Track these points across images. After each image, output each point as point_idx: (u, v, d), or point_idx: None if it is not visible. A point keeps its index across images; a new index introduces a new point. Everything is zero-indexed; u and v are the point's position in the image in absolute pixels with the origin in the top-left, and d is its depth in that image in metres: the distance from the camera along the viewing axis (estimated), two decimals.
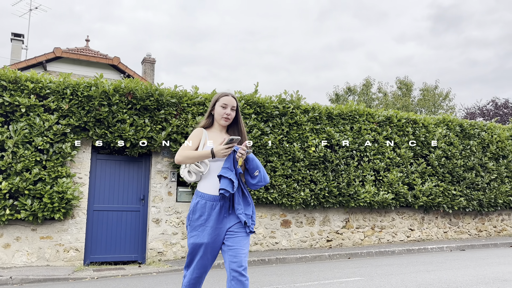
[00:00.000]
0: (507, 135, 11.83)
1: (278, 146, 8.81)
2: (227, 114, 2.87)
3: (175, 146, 7.96)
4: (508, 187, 11.34)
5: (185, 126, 8.08)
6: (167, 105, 8.06)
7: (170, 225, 8.10)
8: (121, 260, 7.93)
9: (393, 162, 9.97)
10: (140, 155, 8.24)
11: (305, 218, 9.25)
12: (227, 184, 2.66)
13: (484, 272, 5.92)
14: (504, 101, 28.00)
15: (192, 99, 8.33)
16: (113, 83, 7.82)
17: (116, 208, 7.99)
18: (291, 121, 9.03)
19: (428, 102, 30.85)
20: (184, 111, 8.22)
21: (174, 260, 7.89)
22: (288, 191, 8.77)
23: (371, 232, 9.88)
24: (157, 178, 8.20)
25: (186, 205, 8.31)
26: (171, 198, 8.23)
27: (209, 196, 2.73)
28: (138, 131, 7.72)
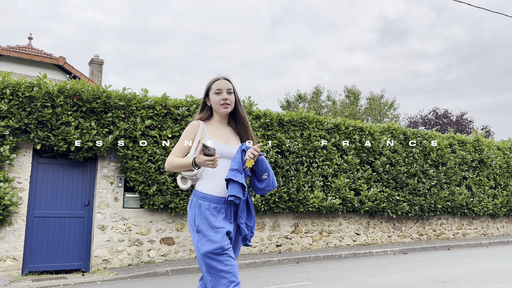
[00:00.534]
0: (446, 144, 12.44)
1: None
2: (224, 100, 2.45)
3: (122, 150, 7.70)
4: (446, 192, 11.91)
5: (133, 129, 7.85)
6: (115, 108, 7.80)
7: (116, 232, 7.82)
8: (64, 269, 7.56)
9: (341, 168, 10.19)
10: (85, 159, 7.90)
11: (256, 224, 9.24)
12: (237, 189, 2.26)
13: (424, 274, 6.15)
14: (444, 111, 29.56)
15: (142, 102, 8.11)
16: (57, 84, 7.47)
17: (59, 214, 7.61)
18: None
19: (374, 110, 31.97)
20: (132, 115, 7.98)
21: (120, 268, 7.61)
22: None
23: (319, 236, 10.03)
24: (103, 183, 7.90)
25: (133, 211, 8.06)
26: (117, 204, 7.95)
27: (212, 198, 2.32)
28: (83, 134, 7.40)
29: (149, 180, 7.92)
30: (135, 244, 7.94)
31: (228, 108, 2.47)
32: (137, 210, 8.10)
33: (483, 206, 12.69)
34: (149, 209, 8.06)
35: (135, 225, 8.01)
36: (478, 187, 12.84)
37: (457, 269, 6.62)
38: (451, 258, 8.28)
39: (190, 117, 8.43)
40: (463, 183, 12.63)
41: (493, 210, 13.06)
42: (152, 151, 7.98)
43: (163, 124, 8.22)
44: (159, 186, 7.99)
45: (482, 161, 13.22)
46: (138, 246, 7.97)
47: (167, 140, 8.15)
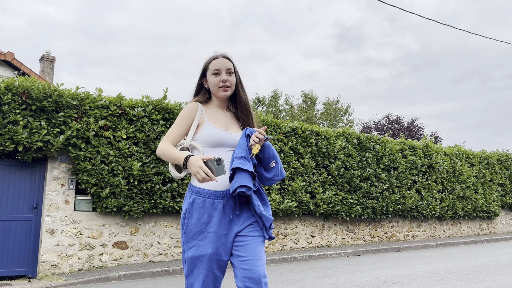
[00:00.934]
0: (397, 149, 12.85)
1: None
2: (223, 81, 2.14)
3: (74, 151, 7.41)
4: (397, 196, 12.30)
5: (86, 130, 7.56)
6: (67, 107, 7.49)
7: (67, 236, 7.50)
8: (8, 275, 7.13)
9: (297, 171, 10.28)
10: (34, 160, 7.53)
11: None
12: (248, 179, 1.95)
13: (376, 276, 6.30)
14: (396, 118, 30.61)
15: (95, 102, 7.84)
16: (5, 81, 7.09)
17: (3, 217, 7.19)
18: None
19: (330, 115, 32.65)
20: (86, 114, 7.70)
21: (70, 273, 7.30)
22: None
23: (275, 239, 10.05)
24: (53, 185, 7.56)
25: (85, 214, 7.77)
26: (68, 206, 7.63)
27: (207, 192, 2.03)
28: (32, 134, 7.05)
29: (102, 183, 7.66)
30: (87, 248, 7.65)
31: (228, 91, 2.18)
32: (89, 213, 7.81)
33: (431, 209, 13.21)
34: (101, 212, 7.79)
35: (86, 228, 7.71)
36: (427, 191, 13.34)
37: (406, 270, 6.82)
38: (401, 260, 8.53)
39: (146, 118, 8.24)
40: (413, 187, 13.08)
41: (440, 213, 13.60)
42: (106, 153, 7.72)
43: (117, 125, 7.98)
44: (112, 189, 7.74)
45: (430, 166, 13.76)
46: (90, 250, 7.69)
47: (122, 141, 7.92)
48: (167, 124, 8.54)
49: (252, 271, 1.94)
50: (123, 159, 7.91)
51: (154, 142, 8.28)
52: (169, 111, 8.65)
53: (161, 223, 8.51)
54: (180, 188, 8.46)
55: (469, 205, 14.50)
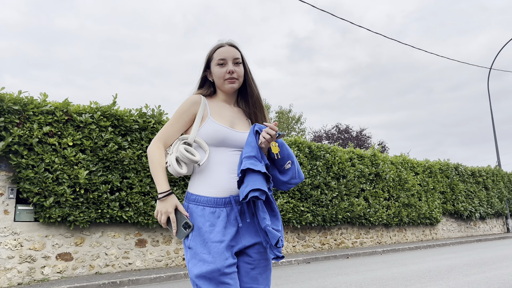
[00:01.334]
0: (346, 157, 13.18)
1: (137, 161, 8.41)
2: (230, 73, 1.83)
3: (16, 159, 7.02)
4: (346, 203, 12.59)
5: (29, 136, 7.20)
6: (9, 112, 7.10)
7: (5, 248, 7.06)
8: None
9: None
10: None
11: (162, 237, 8.95)
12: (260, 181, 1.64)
13: (325, 283, 6.38)
14: (346, 127, 31.45)
15: (40, 107, 7.48)
16: None
17: None
18: (152, 136, 8.72)
19: (282, 124, 33.03)
20: (29, 120, 7.33)
21: (8, 287, 6.88)
22: (145, 209, 8.39)
23: None
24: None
25: (26, 225, 7.35)
26: (7, 217, 7.20)
27: (207, 200, 1.72)
28: None
29: (46, 191, 7.30)
30: (27, 261, 7.24)
31: (236, 83, 1.87)
32: (30, 223, 7.40)
33: (378, 216, 13.63)
34: (44, 222, 7.41)
35: (27, 240, 7.31)
36: (374, 199, 13.76)
37: (354, 277, 6.96)
38: (349, 267, 8.70)
39: (93, 125, 7.95)
40: (361, 194, 13.44)
41: (386, 220, 14.06)
42: (50, 160, 7.38)
43: (63, 131, 7.65)
44: (56, 198, 7.39)
45: (378, 174, 14.21)
46: (31, 263, 7.28)
47: (68, 149, 7.60)
48: (116, 131, 8.29)
49: None
50: (69, 167, 7.59)
51: (101, 150, 8.00)
52: (118, 117, 8.40)
53: (108, 233, 8.22)
54: (129, 197, 8.21)
55: (414, 212, 15.11)
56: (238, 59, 1.88)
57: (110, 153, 8.03)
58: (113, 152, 8.07)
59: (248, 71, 1.97)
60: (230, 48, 1.89)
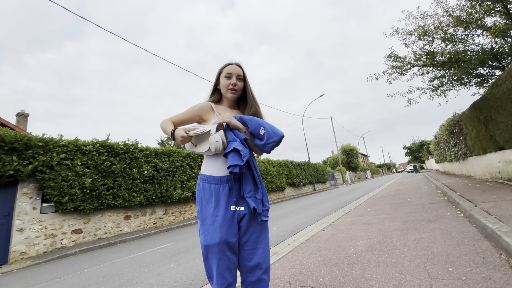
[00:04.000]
0: None
1: (123, 172, 7.63)
2: (233, 85, 1.47)
3: (41, 175, 5.95)
4: None
5: (50, 161, 6.15)
6: (35, 146, 6.00)
7: (34, 231, 5.88)
8: None
9: (191, 176, 9.92)
10: (8, 183, 5.78)
11: (140, 212, 8.19)
12: (234, 157, 1.29)
13: None
14: None
15: (58, 143, 6.44)
16: None
17: None
18: (132, 156, 8.00)
19: None
20: (50, 151, 6.26)
21: (36, 256, 5.70)
22: (129, 198, 7.63)
23: (179, 214, 9.44)
24: (23, 198, 5.90)
25: (49, 215, 6.21)
26: (35, 212, 6.01)
27: (213, 178, 1.35)
28: (5, 166, 5.45)
29: (63, 193, 6.27)
30: (50, 237, 6.11)
31: (235, 94, 1.48)
32: (52, 214, 6.28)
33: None
34: (62, 212, 6.34)
35: (50, 224, 6.17)
36: None
37: None
38: None
39: (94, 152, 7.06)
40: None
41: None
42: (66, 174, 6.36)
43: (74, 157, 6.67)
44: (70, 197, 6.38)
45: None
46: (53, 238, 6.15)
47: (78, 166, 6.63)
48: (109, 155, 7.44)
49: (249, 259, 1.30)
50: (79, 177, 6.62)
51: (100, 166, 7.12)
52: (110, 146, 7.56)
53: (106, 214, 7.29)
54: (118, 192, 7.40)
55: (274, 185, 15.65)
56: (240, 75, 1.51)
57: (106, 167, 7.19)
58: (108, 167, 7.24)
59: (248, 87, 1.54)
60: (237, 67, 1.51)
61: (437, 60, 8.67)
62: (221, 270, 1.24)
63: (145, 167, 8.19)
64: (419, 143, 52.60)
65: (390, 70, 9.76)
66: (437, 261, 2.19)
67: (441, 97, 9.79)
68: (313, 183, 21.50)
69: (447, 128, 11.60)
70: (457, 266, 2.04)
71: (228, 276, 1.25)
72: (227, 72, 1.48)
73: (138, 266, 3.80)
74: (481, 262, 2.03)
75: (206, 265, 1.28)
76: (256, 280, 1.27)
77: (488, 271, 1.89)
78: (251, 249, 1.30)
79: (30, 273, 4.35)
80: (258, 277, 1.27)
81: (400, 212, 4.55)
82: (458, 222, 3.30)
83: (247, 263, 1.28)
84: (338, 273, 2.26)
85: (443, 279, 1.90)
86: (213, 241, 1.25)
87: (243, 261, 1.29)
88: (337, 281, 2.12)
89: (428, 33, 8.39)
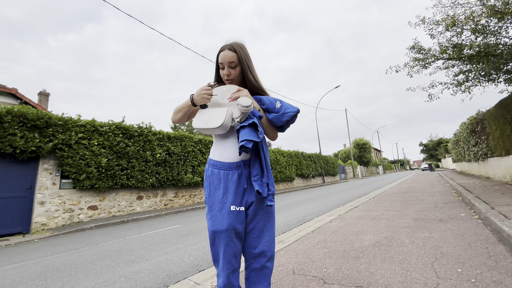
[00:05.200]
0: None
1: (137, 154, 7.85)
2: (227, 76, 1.32)
3: (60, 153, 6.22)
4: None
5: (69, 139, 6.40)
6: (55, 125, 6.24)
7: (53, 205, 6.23)
8: (9, 233, 5.64)
9: (201, 161, 10.09)
10: (30, 158, 6.10)
11: (152, 194, 8.47)
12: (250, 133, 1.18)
13: None
14: None
15: (76, 122, 6.68)
16: (6, 107, 5.62)
17: (4, 196, 5.67)
18: (145, 139, 8.19)
19: None
20: (69, 130, 6.51)
21: (55, 228, 6.07)
22: (142, 179, 7.89)
23: (189, 198, 9.69)
24: (44, 174, 6.22)
25: (68, 191, 6.53)
26: (55, 187, 6.35)
27: (222, 164, 1.25)
28: (27, 142, 5.72)
29: (80, 171, 6.55)
30: (68, 211, 6.45)
31: (231, 83, 1.33)
32: (70, 190, 6.60)
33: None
34: (79, 189, 6.65)
35: (69, 199, 6.51)
36: None
37: None
38: None
39: (110, 133, 7.27)
40: None
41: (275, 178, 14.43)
42: (83, 153, 6.62)
43: (91, 137, 6.91)
44: (87, 175, 6.67)
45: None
46: (70, 212, 6.50)
47: (94, 146, 6.88)
48: (124, 137, 7.65)
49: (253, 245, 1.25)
50: (95, 157, 6.87)
51: (115, 147, 7.35)
52: (125, 129, 7.76)
53: (120, 193, 7.60)
54: (132, 173, 7.65)
55: (283, 175, 15.70)
56: (232, 62, 1.31)
57: (121, 149, 7.42)
58: (122, 148, 7.47)
59: (245, 69, 1.33)
60: (228, 53, 1.31)
61: (465, 53, 8.13)
62: (228, 256, 1.22)
63: (158, 150, 8.38)
64: (436, 141, 50.67)
65: (412, 62, 9.28)
66: (446, 261, 2.14)
67: (465, 93, 9.27)
68: (323, 176, 21.35)
69: (468, 126, 11.07)
70: (467, 268, 1.98)
71: (234, 262, 1.23)
72: (220, 62, 1.33)
73: (148, 244, 3.96)
74: (493, 266, 1.97)
75: (212, 250, 1.26)
76: (260, 267, 1.25)
77: (500, 275, 1.83)
78: (256, 237, 1.26)
79: (49, 243, 4.64)
80: (262, 264, 1.25)
81: (410, 210, 4.45)
82: (471, 224, 3.19)
83: (252, 250, 1.25)
84: (343, 266, 2.25)
85: (450, 280, 1.86)
86: (221, 227, 1.21)
87: (248, 247, 1.26)
88: (341, 273, 2.11)
89: (457, 23, 7.84)
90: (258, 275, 1.26)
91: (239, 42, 1.35)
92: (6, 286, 2.68)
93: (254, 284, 1.27)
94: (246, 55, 1.35)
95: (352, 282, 1.94)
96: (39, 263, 3.41)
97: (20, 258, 3.75)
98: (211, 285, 2.14)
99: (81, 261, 3.35)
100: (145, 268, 2.89)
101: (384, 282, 1.91)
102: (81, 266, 3.13)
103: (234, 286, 1.23)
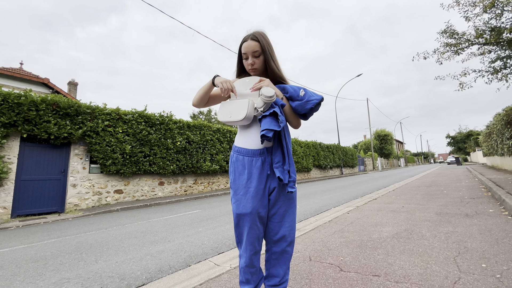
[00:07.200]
0: None
1: (158, 141, 8.16)
2: (251, 65, 1.32)
3: (89, 139, 6.61)
4: None
5: (96, 127, 6.77)
6: (84, 113, 6.62)
7: (84, 188, 6.70)
8: (45, 211, 6.19)
9: (219, 150, 10.24)
10: (63, 144, 6.55)
11: (173, 180, 8.81)
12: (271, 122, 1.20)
13: None
14: None
15: (102, 111, 7.02)
16: (40, 96, 6.03)
17: (41, 178, 6.19)
18: (166, 127, 8.46)
19: None
20: (96, 118, 6.87)
21: (86, 209, 6.56)
22: (164, 166, 8.22)
23: (207, 185, 9.95)
24: (75, 158, 6.67)
25: (96, 175, 6.97)
26: (85, 171, 6.80)
27: (246, 151, 1.28)
28: (60, 128, 6.14)
29: (106, 157, 6.95)
30: (97, 194, 6.92)
31: (256, 72, 1.34)
32: (98, 174, 7.04)
33: None
34: (106, 173, 7.08)
35: (97, 183, 6.96)
36: None
37: None
38: None
39: (133, 121, 7.59)
40: None
41: None
42: (109, 140, 7.00)
43: (116, 124, 7.25)
44: (113, 160, 7.06)
45: None
46: (99, 195, 6.96)
47: (119, 134, 7.23)
48: (146, 125, 7.95)
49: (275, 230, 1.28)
50: (120, 144, 7.24)
51: (138, 134, 7.68)
52: (147, 117, 8.05)
53: (143, 178, 7.99)
54: (154, 159, 7.98)
55: (299, 165, 15.61)
56: (256, 52, 1.31)
57: (143, 136, 7.73)
58: (145, 136, 7.78)
59: (268, 58, 1.32)
60: (251, 43, 1.31)
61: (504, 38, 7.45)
62: (251, 238, 1.25)
63: (178, 138, 8.63)
64: (465, 133, 47.54)
65: (443, 48, 8.66)
66: (469, 256, 2.08)
67: (502, 82, 8.56)
68: (341, 167, 21.01)
69: (503, 118, 10.26)
70: (492, 264, 1.92)
71: (257, 244, 1.27)
72: (243, 52, 1.32)
73: (170, 227, 4.18)
74: None
75: (236, 231, 1.29)
76: (280, 251, 1.29)
77: None
78: (278, 222, 1.29)
79: (82, 222, 5.04)
80: (283, 248, 1.29)
81: (433, 204, 4.30)
82: (500, 220, 3.04)
83: (273, 235, 1.28)
84: (360, 255, 2.25)
85: (473, 274, 1.81)
86: (245, 210, 1.24)
87: (270, 232, 1.29)
88: (357, 262, 2.11)
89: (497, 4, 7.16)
90: (278, 259, 1.30)
91: (261, 31, 1.35)
92: (47, 257, 2.99)
93: (274, 267, 1.31)
94: (268, 44, 1.34)
95: (369, 271, 1.94)
96: (74, 239, 3.73)
97: (57, 234, 4.12)
98: (230, 267, 2.23)
99: (111, 239, 3.62)
100: (168, 248, 3.07)
101: (403, 273, 1.89)
102: (111, 243, 3.39)
103: (255, 267, 1.28)
